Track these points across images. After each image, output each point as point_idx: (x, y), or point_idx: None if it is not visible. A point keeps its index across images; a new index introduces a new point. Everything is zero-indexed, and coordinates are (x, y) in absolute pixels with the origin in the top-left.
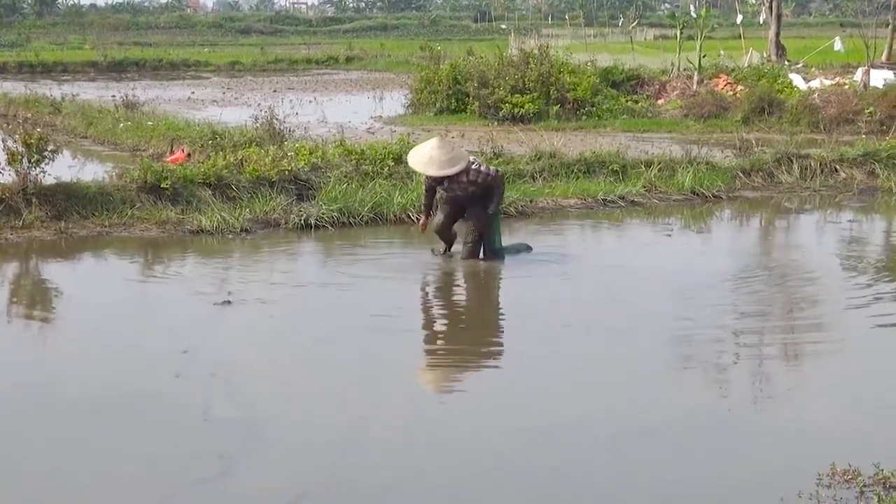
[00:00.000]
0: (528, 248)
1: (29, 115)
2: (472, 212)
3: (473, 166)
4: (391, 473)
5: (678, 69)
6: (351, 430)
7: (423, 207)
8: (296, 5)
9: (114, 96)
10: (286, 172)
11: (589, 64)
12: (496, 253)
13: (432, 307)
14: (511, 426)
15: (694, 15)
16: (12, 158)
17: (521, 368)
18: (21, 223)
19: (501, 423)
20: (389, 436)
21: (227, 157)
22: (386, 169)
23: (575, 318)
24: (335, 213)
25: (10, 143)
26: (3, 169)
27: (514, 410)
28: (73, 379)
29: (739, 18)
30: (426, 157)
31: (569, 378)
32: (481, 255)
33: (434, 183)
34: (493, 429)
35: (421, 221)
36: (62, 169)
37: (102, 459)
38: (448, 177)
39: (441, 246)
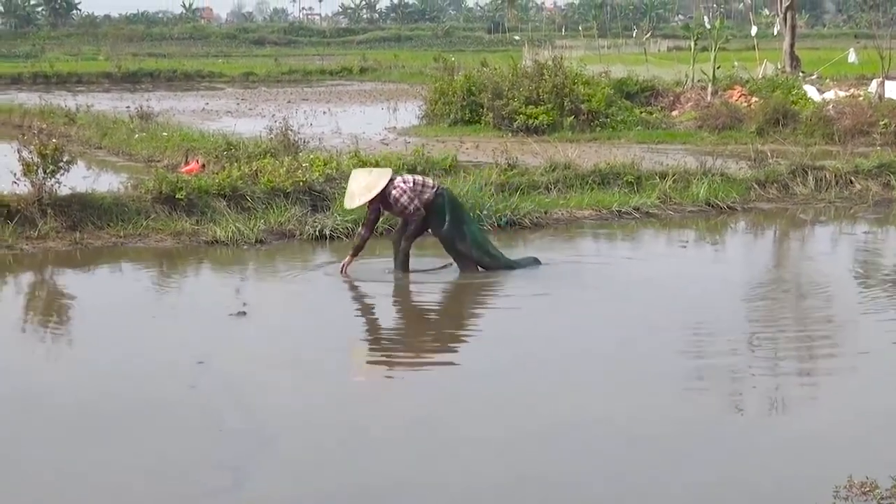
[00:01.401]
0: (537, 262)
1: (44, 125)
2: (434, 232)
3: (394, 192)
4: (402, 485)
5: (692, 80)
6: (362, 442)
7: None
8: (310, 16)
9: (128, 107)
10: (301, 183)
11: (603, 75)
12: (490, 263)
13: (442, 317)
14: (523, 432)
15: (708, 26)
16: (28, 169)
17: (533, 376)
18: (36, 234)
19: (512, 429)
20: (400, 447)
21: (242, 167)
22: None
23: (589, 329)
24: (350, 224)
25: (25, 153)
26: (18, 179)
27: (527, 416)
28: (88, 389)
29: (754, 30)
30: (347, 193)
31: (579, 387)
32: (478, 268)
33: (374, 215)
34: (503, 435)
35: (344, 262)
36: (77, 179)
37: (116, 469)
38: (384, 204)
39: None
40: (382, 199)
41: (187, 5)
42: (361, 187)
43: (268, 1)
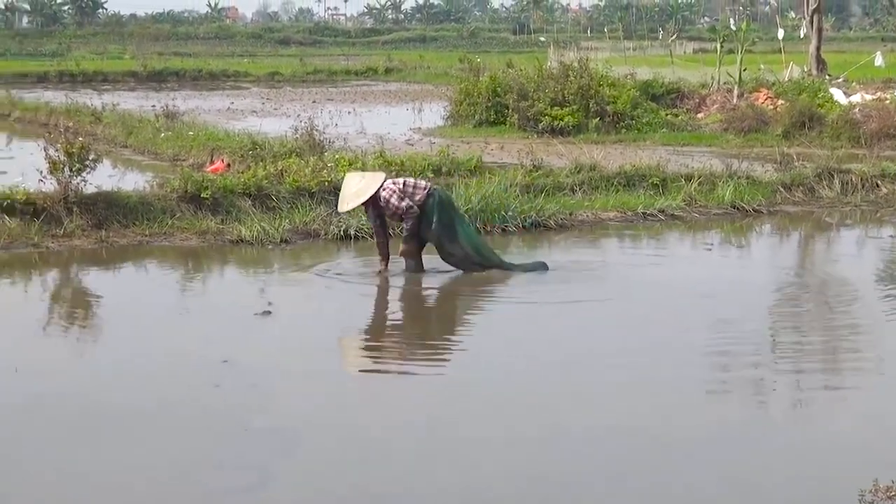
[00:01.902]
0: (545, 267)
1: (70, 124)
2: (423, 234)
3: (384, 193)
4: (424, 486)
5: (718, 83)
6: (387, 443)
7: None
8: (335, 16)
9: (154, 106)
10: (326, 183)
11: (629, 77)
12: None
13: (467, 317)
14: (541, 435)
15: (734, 28)
16: (54, 167)
17: (559, 379)
18: (62, 232)
19: (536, 433)
20: (424, 448)
21: (267, 167)
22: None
23: (613, 332)
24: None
25: (51, 151)
26: (44, 178)
27: (551, 421)
28: (113, 388)
29: (780, 33)
30: (340, 197)
31: (604, 390)
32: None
33: (376, 220)
34: (526, 439)
35: (381, 269)
36: (102, 178)
37: (140, 467)
38: (378, 207)
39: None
40: (376, 203)
41: (213, 5)
42: (352, 193)
43: (293, 1)
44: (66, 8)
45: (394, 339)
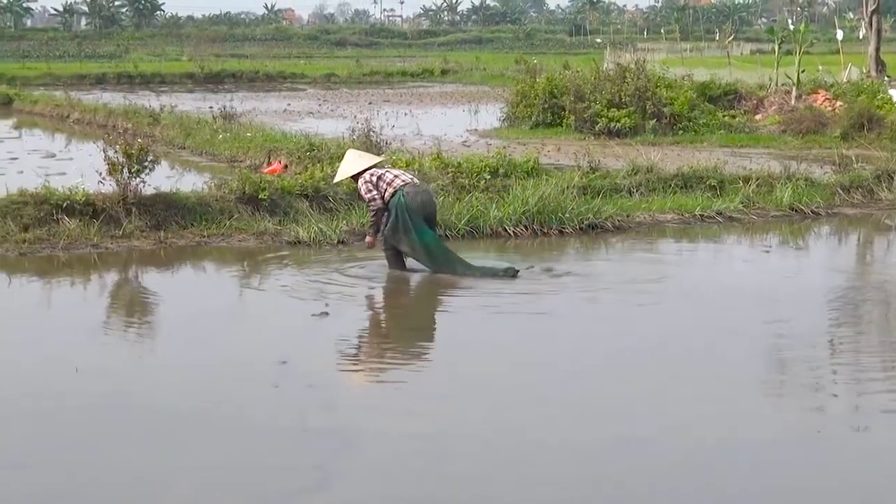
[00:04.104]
0: (514, 272)
1: (129, 125)
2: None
3: (360, 180)
4: (484, 488)
5: (776, 84)
6: (445, 443)
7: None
8: (391, 18)
9: (211, 107)
10: None
11: (685, 78)
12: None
13: (524, 316)
14: (602, 437)
15: (792, 29)
16: (113, 168)
17: (614, 381)
18: (121, 232)
19: (593, 434)
20: (483, 449)
21: (324, 168)
22: (482, 182)
23: (669, 333)
24: None
25: (111, 153)
26: (104, 179)
27: (606, 422)
28: (172, 388)
29: (839, 34)
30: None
31: (659, 391)
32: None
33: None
34: (583, 441)
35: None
36: (160, 179)
37: (198, 468)
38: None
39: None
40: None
41: (269, 6)
42: (343, 169)
43: (349, 2)
44: (124, 10)
45: (454, 340)
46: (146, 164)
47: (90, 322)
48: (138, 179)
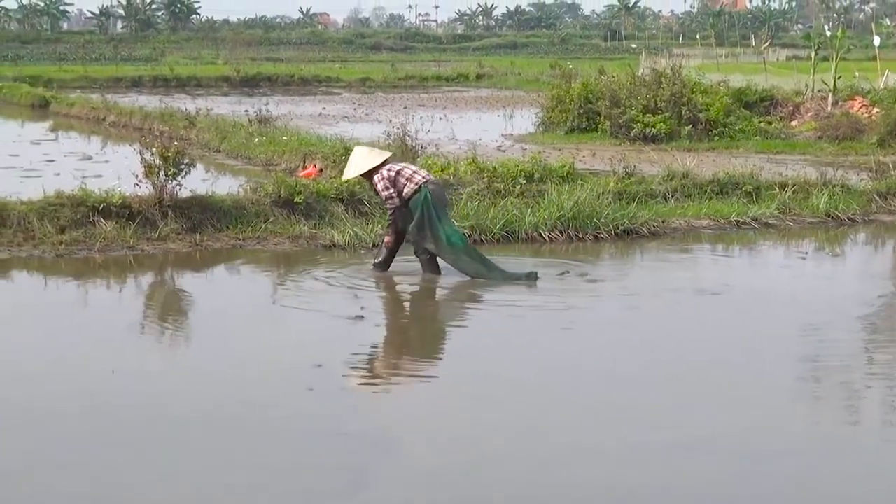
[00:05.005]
0: (535, 277)
1: (165, 128)
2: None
3: (376, 177)
4: (521, 492)
5: (812, 90)
6: (481, 447)
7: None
8: (426, 22)
9: (246, 111)
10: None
11: (721, 84)
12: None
13: (557, 322)
14: (637, 441)
15: (829, 35)
16: (149, 171)
17: (649, 384)
18: (157, 235)
19: (629, 439)
20: (519, 453)
21: None
22: (518, 187)
23: (704, 339)
24: (466, 230)
25: (147, 155)
26: (140, 181)
27: (640, 426)
28: (208, 391)
29: (876, 40)
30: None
31: (691, 397)
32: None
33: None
34: (616, 445)
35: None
36: (196, 182)
37: (235, 471)
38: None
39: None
40: (372, 182)
41: (305, 10)
42: (352, 166)
43: (384, 7)
44: (160, 13)
45: (489, 343)
46: (182, 166)
47: (126, 325)
48: (174, 182)
